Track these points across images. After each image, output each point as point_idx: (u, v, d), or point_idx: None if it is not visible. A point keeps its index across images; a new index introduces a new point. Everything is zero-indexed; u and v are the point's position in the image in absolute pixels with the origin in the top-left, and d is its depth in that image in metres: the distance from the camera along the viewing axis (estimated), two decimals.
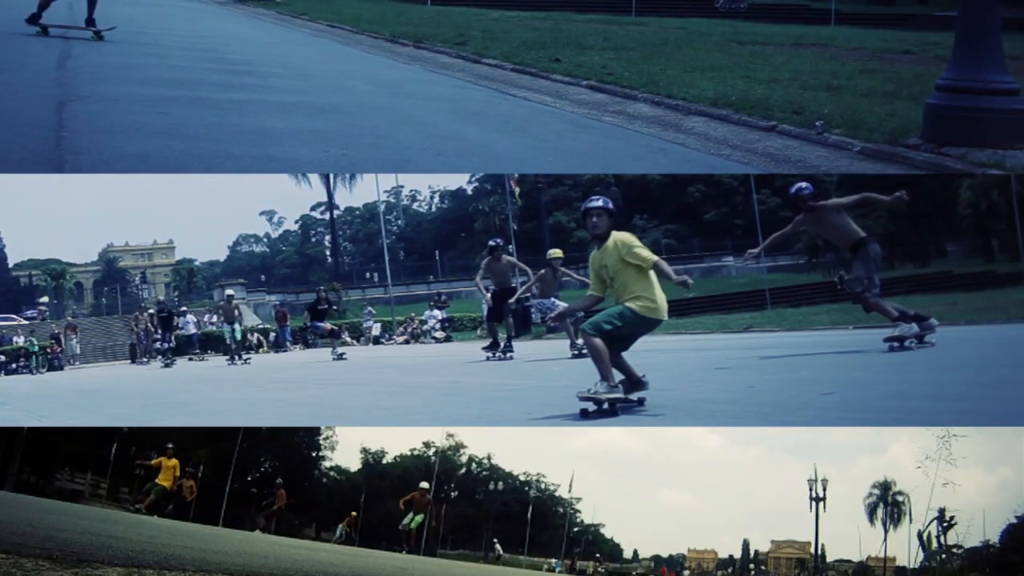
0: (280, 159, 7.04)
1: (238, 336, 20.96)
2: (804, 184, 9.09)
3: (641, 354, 12.16)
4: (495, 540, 29.66)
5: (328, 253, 70.27)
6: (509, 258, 13.67)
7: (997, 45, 8.15)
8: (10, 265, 65.43)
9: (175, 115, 7.82)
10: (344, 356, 17.55)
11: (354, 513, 22.41)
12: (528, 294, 14.12)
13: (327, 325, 18.52)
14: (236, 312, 21.48)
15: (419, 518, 14.36)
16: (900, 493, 32.74)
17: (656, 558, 54.98)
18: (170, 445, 13.36)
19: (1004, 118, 7.99)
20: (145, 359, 25.33)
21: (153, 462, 13.46)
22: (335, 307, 20.09)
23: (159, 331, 23.44)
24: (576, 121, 9.58)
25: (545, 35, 17.86)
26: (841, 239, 9.26)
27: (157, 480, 13.11)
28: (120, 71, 10.21)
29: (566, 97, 11.17)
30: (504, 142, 7.98)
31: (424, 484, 15.95)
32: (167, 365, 20.88)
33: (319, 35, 18.55)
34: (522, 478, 42.91)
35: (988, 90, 8.02)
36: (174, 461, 13.26)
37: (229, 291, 20.02)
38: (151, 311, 26.67)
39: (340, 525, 20.56)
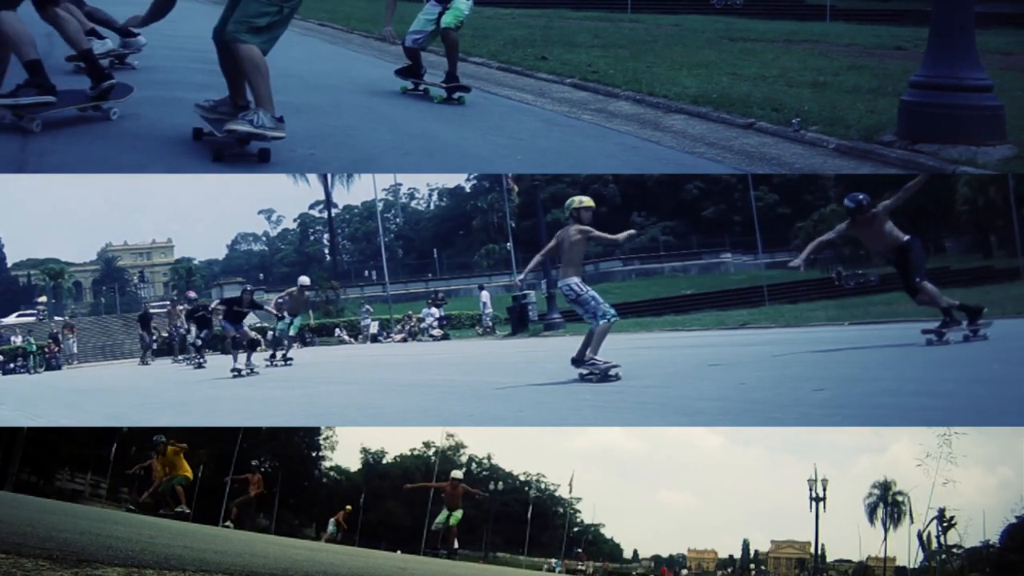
0: (244, 159, 7.01)
1: (293, 331, 17.59)
2: (862, 195, 9.36)
3: (639, 352, 12.22)
4: (345, 527, 28.84)
5: (326, 251, 70.25)
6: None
7: (970, 42, 8.20)
8: (9, 264, 65.40)
9: (146, 116, 7.76)
10: (248, 371, 13.63)
11: (349, 507, 21.52)
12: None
13: (249, 332, 14.61)
14: (305, 304, 17.87)
15: (458, 514, 12.27)
16: (900, 493, 32.82)
17: (656, 558, 55.05)
18: (161, 438, 11.90)
19: (977, 114, 8.05)
20: (182, 358, 22.02)
21: (153, 462, 12.09)
22: (260, 309, 16.22)
23: (192, 330, 20.77)
24: (552, 120, 9.54)
25: (536, 32, 17.82)
26: (886, 244, 9.53)
27: (177, 473, 11.74)
28: None
29: (548, 95, 11.11)
30: (475, 140, 7.94)
31: (457, 474, 13.43)
32: (199, 365, 18.50)
33: (308, 34, 18.51)
34: (522, 478, 43.00)
35: (961, 87, 8.09)
36: (172, 449, 11.78)
37: (305, 279, 16.83)
38: (184, 306, 23.55)
39: (331, 520, 19.98)
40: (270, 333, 19.06)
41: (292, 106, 9.14)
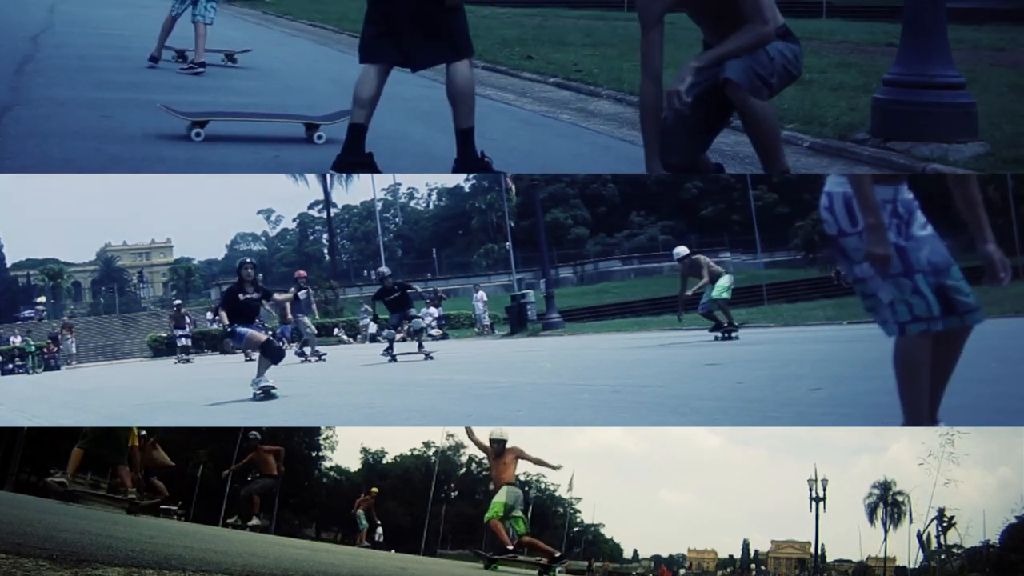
0: (208, 161, 7.00)
1: (728, 294, 13.83)
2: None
3: (636, 351, 12.25)
4: (378, 522, 28.14)
5: (326, 251, 70.30)
6: None
7: (942, 39, 8.21)
8: (8, 265, 65.41)
9: (117, 118, 7.74)
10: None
11: (375, 489, 19.82)
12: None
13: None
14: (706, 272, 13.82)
15: (500, 496, 7.89)
16: (900, 493, 32.86)
17: (656, 558, 55.14)
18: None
19: (948, 112, 8.06)
20: (311, 353, 17.39)
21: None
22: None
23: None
24: (529, 119, 9.49)
25: (527, 32, 17.75)
26: None
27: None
28: (77, 74, 10.14)
29: (530, 95, 11.06)
30: (446, 142, 7.87)
31: (498, 432, 7.91)
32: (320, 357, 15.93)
33: (299, 35, 18.50)
34: (522, 478, 42.93)
35: (933, 84, 8.10)
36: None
37: (682, 248, 14.25)
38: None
39: (358, 512, 17.90)
40: None
41: (267, 107, 9.17)
